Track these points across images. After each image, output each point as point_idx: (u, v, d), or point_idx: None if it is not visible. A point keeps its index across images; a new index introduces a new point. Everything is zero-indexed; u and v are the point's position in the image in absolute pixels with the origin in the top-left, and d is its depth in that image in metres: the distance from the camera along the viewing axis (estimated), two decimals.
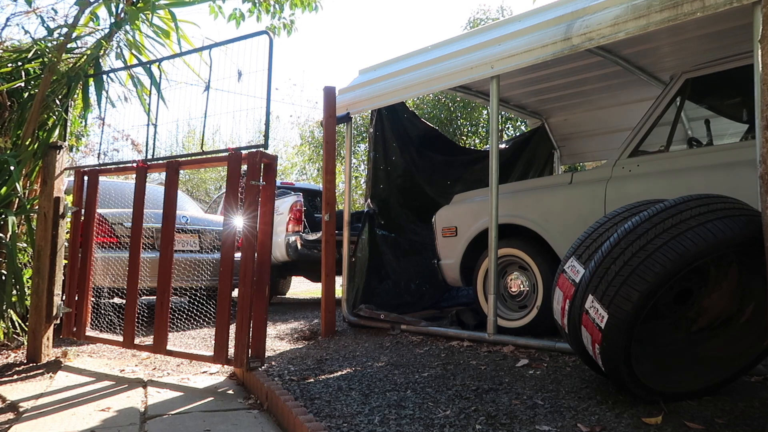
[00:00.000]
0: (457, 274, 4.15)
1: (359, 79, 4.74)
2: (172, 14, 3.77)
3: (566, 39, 3.19)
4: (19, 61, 3.85)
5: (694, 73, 3.22)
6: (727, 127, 3.93)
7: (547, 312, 3.47)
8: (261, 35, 3.12)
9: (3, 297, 3.57)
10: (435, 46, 4.30)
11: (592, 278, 2.09)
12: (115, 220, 4.83)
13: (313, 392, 2.54)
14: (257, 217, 3.03)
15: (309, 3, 4.66)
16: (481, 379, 2.64)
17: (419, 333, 3.96)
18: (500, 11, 10.70)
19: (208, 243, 5.37)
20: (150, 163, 3.54)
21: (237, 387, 2.92)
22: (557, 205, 3.54)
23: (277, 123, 21.35)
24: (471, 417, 2.11)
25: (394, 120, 4.97)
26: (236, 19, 4.49)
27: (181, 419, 2.36)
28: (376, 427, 2.04)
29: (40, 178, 3.72)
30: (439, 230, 4.33)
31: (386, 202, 4.92)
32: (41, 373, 3.25)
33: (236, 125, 34.26)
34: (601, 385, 2.40)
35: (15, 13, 4.05)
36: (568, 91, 4.96)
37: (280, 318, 5.44)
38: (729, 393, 2.20)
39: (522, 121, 8.70)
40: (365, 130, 11.74)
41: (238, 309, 2.97)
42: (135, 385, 2.95)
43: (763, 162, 1.86)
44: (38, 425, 2.31)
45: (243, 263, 2.99)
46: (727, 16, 3.18)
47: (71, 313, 3.69)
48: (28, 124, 3.68)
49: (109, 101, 3.92)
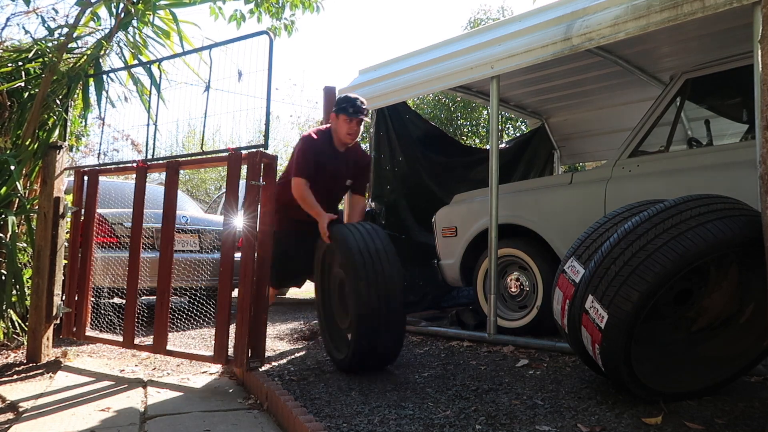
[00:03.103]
0: (457, 274, 4.15)
1: (359, 79, 4.74)
2: (173, 15, 3.77)
3: (566, 39, 3.19)
4: (19, 61, 3.85)
5: (694, 73, 3.22)
6: (727, 127, 3.93)
7: (547, 312, 3.47)
8: (261, 35, 3.12)
9: (3, 297, 3.56)
10: (435, 46, 4.30)
11: (592, 278, 2.09)
12: (115, 220, 4.82)
13: (313, 392, 2.54)
14: (257, 217, 3.03)
15: (310, 4, 4.66)
16: (481, 379, 2.64)
17: (419, 333, 3.96)
18: (500, 11, 10.70)
19: (208, 243, 5.37)
20: (150, 163, 3.54)
21: (237, 387, 2.92)
22: (557, 206, 3.54)
23: (277, 123, 21.31)
24: (471, 417, 2.11)
25: (398, 120, 4.97)
26: (237, 20, 4.49)
27: (181, 419, 2.36)
28: (376, 427, 2.04)
29: (40, 178, 3.72)
30: (439, 230, 4.33)
31: (394, 202, 4.90)
32: (41, 373, 3.25)
33: (236, 125, 34.22)
34: (601, 385, 2.40)
35: (15, 13, 4.06)
36: (568, 91, 4.96)
37: (280, 318, 5.43)
38: (729, 393, 2.20)
39: (522, 121, 8.69)
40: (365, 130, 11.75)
41: (238, 309, 2.97)
42: (135, 385, 2.95)
43: (763, 162, 1.86)
44: (38, 425, 2.31)
45: (243, 263, 2.99)
46: (727, 16, 3.17)
47: (71, 313, 3.69)
48: (28, 124, 3.68)
49: (109, 101, 3.92)
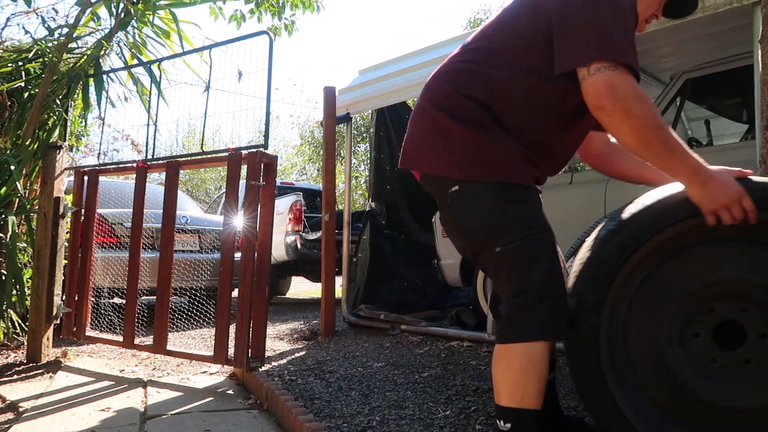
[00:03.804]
0: (457, 275, 4.16)
1: (359, 79, 4.74)
2: (173, 14, 3.77)
3: None
4: (19, 61, 3.85)
5: (694, 73, 3.22)
6: (727, 127, 3.93)
7: None
8: (261, 35, 3.12)
9: (3, 297, 3.56)
10: (435, 46, 4.30)
11: None
12: (115, 220, 4.83)
13: (313, 392, 2.54)
14: (257, 217, 3.03)
15: (310, 4, 4.66)
16: (481, 379, 2.64)
17: (419, 333, 3.96)
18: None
19: (208, 243, 5.37)
20: (150, 163, 3.54)
21: (237, 387, 2.92)
22: (557, 205, 3.54)
23: (277, 123, 21.36)
24: (471, 417, 2.11)
25: (398, 120, 4.97)
26: (237, 20, 4.49)
27: (180, 419, 2.36)
28: (376, 427, 2.04)
29: (40, 178, 3.72)
30: (439, 230, 4.33)
31: (394, 202, 4.91)
32: (41, 373, 3.25)
33: (236, 125, 34.28)
34: None
35: (15, 13, 4.06)
36: None
37: (280, 318, 5.44)
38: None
39: None
40: (365, 130, 11.74)
41: (238, 309, 2.97)
42: (135, 385, 2.95)
43: (763, 162, 1.86)
44: (38, 425, 2.31)
45: (243, 263, 2.99)
46: (727, 16, 3.17)
47: (71, 313, 3.69)
48: (29, 124, 3.68)
49: (109, 101, 3.92)
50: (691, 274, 1.46)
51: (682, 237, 1.45)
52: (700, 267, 1.46)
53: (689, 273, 1.46)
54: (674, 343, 1.46)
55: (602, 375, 1.47)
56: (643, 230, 1.43)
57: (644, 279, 1.49)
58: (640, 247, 1.44)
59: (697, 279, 1.45)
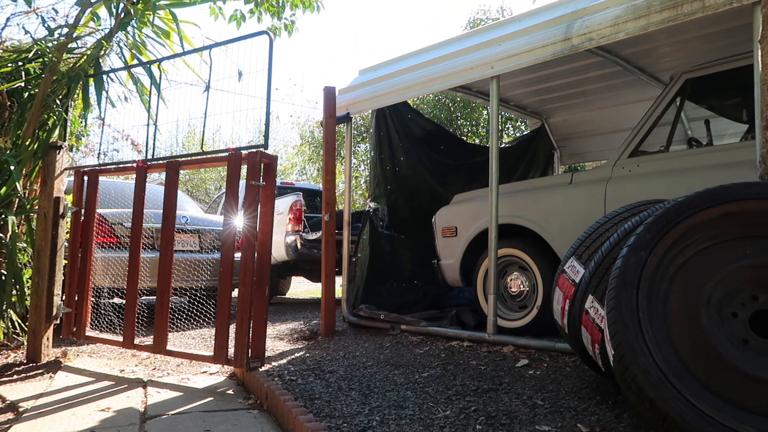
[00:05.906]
0: (457, 274, 4.16)
1: (359, 79, 4.73)
2: (173, 14, 3.77)
3: (566, 39, 3.19)
4: (19, 61, 3.85)
5: (694, 73, 3.22)
6: (727, 127, 3.93)
7: (547, 312, 3.47)
8: (261, 35, 3.12)
9: (3, 297, 3.56)
10: (435, 46, 4.30)
11: (592, 278, 2.09)
12: (115, 220, 4.83)
13: (313, 392, 2.54)
14: (257, 217, 3.03)
15: (310, 3, 4.66)
16: (481, 379, 2.64)
17: (419, 333, 3.96)
18: (500, 11, 10.69)
19: (208, 243, 5.37)
20: (150, 163, 3.54)
21: (237, 387, 2.92)
22: (557, 206, 3.54)
23: (277, 123, 21.36)
24: (471, 417, 2.11)
25: (399, 119, 4.97)
26: (237, 20, 4.49)
27: (180, 419, 2.36)
28: (376, 427, 2.04)
29: (40, 178, 3.72)
30: (439, 230, 4.33)
31: (395, 202, 4.90)
32: (41, 373, 3.25)
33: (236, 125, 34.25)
34: (601, 385, 2.40)
35: (15, 13, 4.05)
36: (568, 91, 4.96)
37: (280, 318, 5.44)
38: None
39: (522, 121, 8.69)
40: (365, 130, 11.74)
41: (238, 309, 2.97)
42: (135, 385, 2.95)
43: (763, 162, 1.86)
44: (38, 425, 2.31)
45: (243, 263, 2.99)
46: (727, 16, 3.18)
47: (71, 313, 3.69)
48: (28, 124, 3.68)
49: (109, 101, 3.92)
50: (745, 256, 1.67)
51: (755, 216, 1.64)
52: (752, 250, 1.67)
53: (743, 254, 1.68)
54: (712, 307, 1.61)
55: (636, 302, 1.64)
56: (718, 195, 1.64)
57: (703, 244, 1.68)
58: (708, 209, 1.65)
59: (747, 258, 1.66)
